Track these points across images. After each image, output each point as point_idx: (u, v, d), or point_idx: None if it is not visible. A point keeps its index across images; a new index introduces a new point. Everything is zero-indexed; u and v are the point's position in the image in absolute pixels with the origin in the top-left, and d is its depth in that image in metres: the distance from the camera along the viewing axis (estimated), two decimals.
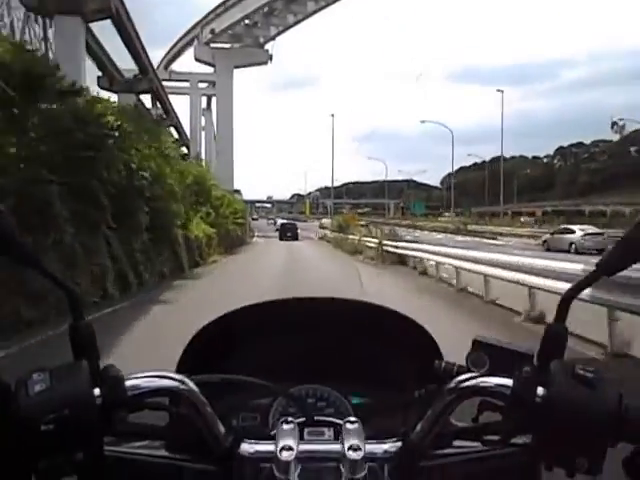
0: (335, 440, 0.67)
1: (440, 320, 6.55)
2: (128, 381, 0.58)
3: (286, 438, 0.62)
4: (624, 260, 0.57)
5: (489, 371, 0.62)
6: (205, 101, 63.40)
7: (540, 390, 0.55)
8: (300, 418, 0.70)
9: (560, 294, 0.60)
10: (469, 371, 0.62)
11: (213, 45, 53.99)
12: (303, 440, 0.65)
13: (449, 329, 4.62)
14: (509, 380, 0.58)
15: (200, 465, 0.66)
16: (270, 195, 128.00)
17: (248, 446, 0.65)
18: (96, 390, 0.55)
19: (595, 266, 0.59)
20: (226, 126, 54.17)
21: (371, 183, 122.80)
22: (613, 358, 5.30)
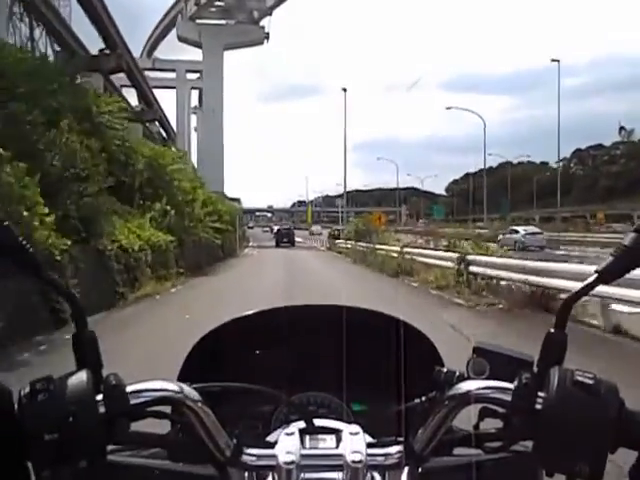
0: (336, 447, 0.67)
1: None
2: (130, 390, 0.58)
3: (288, 445, 0.62)
4: (624, 266, 0.58)
5: (489, 378, 0.62)
6: (196, 97, 55.78)
7: (540, 396, 0.55)
8: (301, 425, 0.70)
9: None
10: (469, 378, 0.62)
11: (199, 21, 45.43)
12: (304, 447, 0.66)
13: None
14: (509, 386, 0.58)
15: (202, 473, 0.66)
16: (270, 204, 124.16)
17: (250, 453, 0.65)
18: (99, 399, 0.56)
19: (595, 273, 0.59)
20: (215, 118, 45.91)
21: (372, 191, 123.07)
22: None
